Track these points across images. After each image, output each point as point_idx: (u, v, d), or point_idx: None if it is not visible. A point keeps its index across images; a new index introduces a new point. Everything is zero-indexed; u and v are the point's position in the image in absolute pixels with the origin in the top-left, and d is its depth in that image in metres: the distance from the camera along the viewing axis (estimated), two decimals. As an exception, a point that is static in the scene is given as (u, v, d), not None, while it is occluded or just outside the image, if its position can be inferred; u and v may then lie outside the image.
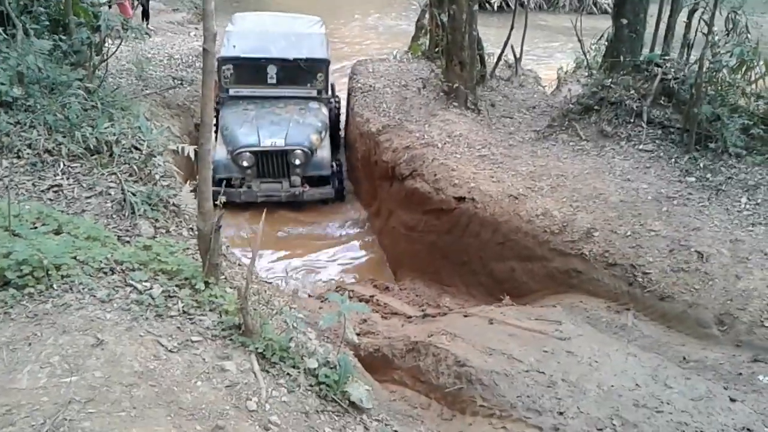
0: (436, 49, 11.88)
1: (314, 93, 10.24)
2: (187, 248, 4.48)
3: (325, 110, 10.30)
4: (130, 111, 6.34)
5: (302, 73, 10.08)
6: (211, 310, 3.63)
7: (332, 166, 9.68)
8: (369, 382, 4.04)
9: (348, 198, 10.12)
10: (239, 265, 5.24)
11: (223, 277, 4.12)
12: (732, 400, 4.22)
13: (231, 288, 4.05)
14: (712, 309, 5.27)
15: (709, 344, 5.10)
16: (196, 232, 3.76)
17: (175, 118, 10.06)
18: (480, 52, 10.60)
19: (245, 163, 9.03)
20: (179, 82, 11.01)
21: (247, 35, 10.37)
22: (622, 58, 8.89)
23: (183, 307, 3.57)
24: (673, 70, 8.38)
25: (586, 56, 10.75)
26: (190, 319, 3.53)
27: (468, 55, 9.55)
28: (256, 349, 3.40)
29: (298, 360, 3.47)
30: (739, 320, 5.11)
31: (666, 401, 4.16)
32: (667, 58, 8.69)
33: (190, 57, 12.91)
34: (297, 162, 9.19)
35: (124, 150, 5.57)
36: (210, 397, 3.09)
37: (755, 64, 7.80)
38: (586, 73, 11.06)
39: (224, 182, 8.67)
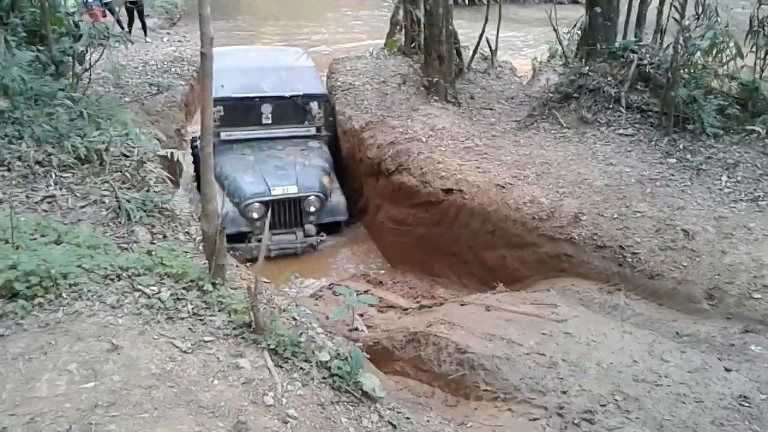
0: (412, 45, 11.99)
1: (313, 131, 9.46)
2: (186, 252, 4.52)
3: (326, 148, 9.57)
4: (116, 119, 6.33)
5: (299, 110, 9.40)
6: (220, 311, 3.68)
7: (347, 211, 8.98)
8: (377, 373, 4.10)
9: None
10: (237, 266, 5.28)
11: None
12: (727, 370, 4.36)
13: (234, 289, 4.10)
14: (701, 284, 5.44)
15: (701, 318, 5.27)
16: (201, 235, 3.80)
17: (155, 125, 10.02)
18: (456, 45, 10.72)
19: (255, 215, 8.18)
20: (156, 88, 10.98)
21: (234, 72, 9.22)
22: (597, 46, 9.06)
23: (193, 308, 3.61)
24: (648, 55, 8.58)
25: (561, 45, 10.91)
26: (201, 320, 3.58)
27: (446, 49, 9.67)
28: (268, 345, 3.46)
29: (309, 354, 3.53)
30: (728, 294, 5.28)
31: (664, 375, 4.29)
32: (641, 44, 8.88)
33: (165, 63, 12.88)
34: (311, 209, 8.49)
35: (114, 158, 5.58)
36: (228, 394, 3.14)
37: (726, 46, 8.00)
38: (561, 62, 11.24)
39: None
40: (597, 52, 9.06)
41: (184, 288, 3.79)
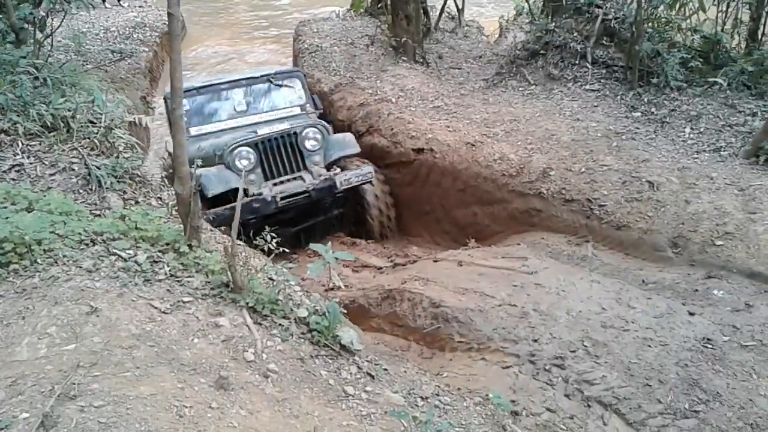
0: (379, 5, 11.88)
1: (297, 111, 7.89)
2: (160, 216, 4.52)
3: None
4: (81, 86, 6.23)
5: (278, 93, 7.98)
6: (197, 272, 3.72)
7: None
8: (354, 329, 4.19)
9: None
10: (210, 230, 5.30)
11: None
12: (691, 314, 4.54)
13: (210, 252, 4.13)
14: (666, 233, 5.61)
15: (666, 266, 5.44)
16: (175, 197, 3.81)
17: (119, 92, 9.85)
18: (423, 5, 10.66)
19: (244, 162, 6.68)
20: (119, 55, 10.76)
21: (200, 80, 8.40)
22: (563, 2, 9.09)
23: (170, 270, 3.65)
24: (613, 10, 8.64)
25: (527, 2, 10.90)
26: (178, 281, 3.61)
27: (413, 9, 9.62)
28: (247, 303, 3.52)
29: (288, 311, 3.60)
30: (692, 241, 5.46)
31: (631, 320, 4.46)
32: (606, -1, 8.92)
33: (127, 29, 12.59)
34: (312, 146, 7.07)
35: (81, 125, 5.50)
36: (208, 352, 3.20)
37: (689, 0, 8.11)
38: (528, 20, 11.25)
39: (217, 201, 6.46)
40: (563, 8, 9.09)
41: (160, 251, 3.81)
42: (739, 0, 8.71)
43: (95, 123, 5.65)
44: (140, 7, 14.89)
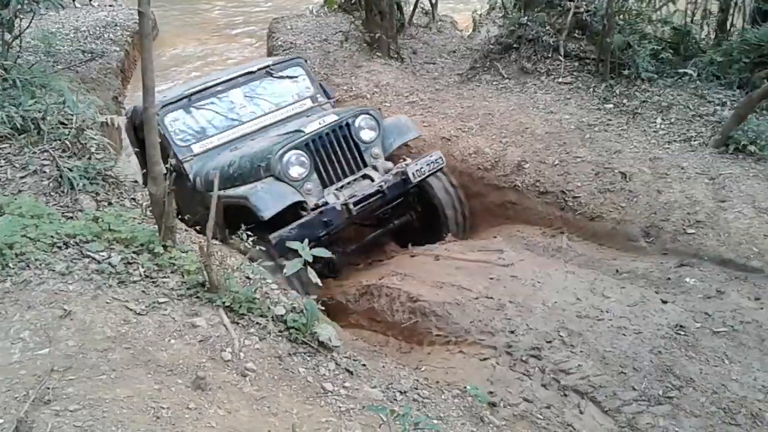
0: (353, 1, 11.85)
1: (308, 104, 6.71)
2: (134, 218, 4.49)
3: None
4: (51, 87, 6.13)
5: (282, 87, 6.73)
6: (173, 272, 3.70)
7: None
8: (332, 325, 4.21)
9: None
10: (186, 230, 5.27)
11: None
12: (664, 302, 4.61)
13: (185, 252, 4.11)
14: (639, 223, 5.70)
15: (639, 255, 5.53)
16: (148, 198, 3.79)
17: (91, 92, 9.73)
18: (397, 0, 10.66)
19: (297, 169, 5.42)
20: (90, 55, 10.62)
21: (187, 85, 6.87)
22: (535, -4, 9.14)
23: (144, 271, 3.63)
24: (584, 3, 8.70)
25: (500, -4, 10.96)
26: (154, 282, 3.60)
27: (386, 5, 9.61)
28: (224, 303, 3.51)
29: (265, 309, 3.60)
30: (664, 231, 5.55)
31: (605, 310, 4.52)
32: (577, -9, 8.99)
33: (97, 28, 12.41)
34: (369, 137, 5.90)
35: (52, 126, 5.42)
36: (185, 352, 3.20)
37: (659, -9, 8.21)
38: (501, 14, 11.30)
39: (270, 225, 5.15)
40: (535, 1, 9.12)
41: (134, 252, 3.79)
42: (708, -9, 8.85)
43: (66, 124, 5.57)
44: (111, 6, 14.67)
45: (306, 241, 3.58)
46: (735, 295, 4.69)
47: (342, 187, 5.65)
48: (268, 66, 6.74)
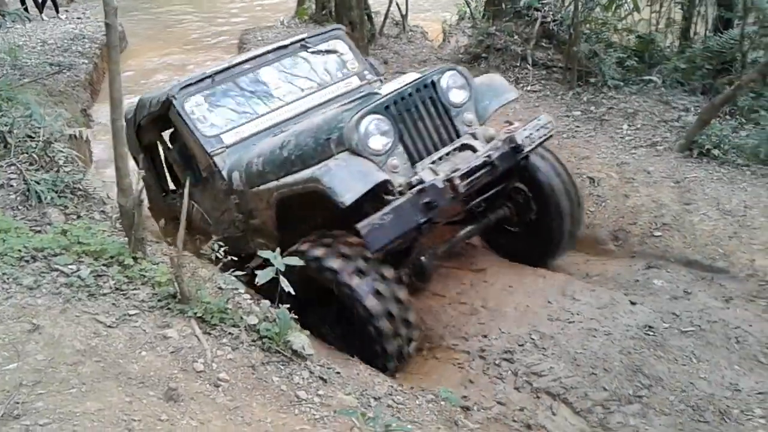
0: (323, 12, 11.93)
1: (355, 82, 5.62)
2: (104, 230, 4.45)
3: None
4: (17, 100, 6.08)
5: (317, 61, 5.65)
6: (143, 284, 3.67)
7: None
8: (305, 333, 4.20)
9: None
10: (157, 242, 5.24)
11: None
12: (632, 303, 4.68)
13: (156, 264, 4.08)
14: (607, 227, 5.82)
15: (608, 259, 5.63)
16: (118, 210, 3.76)
17: (59, 105, 9.63)
18: (367, 11, 10.75)
19: (382, 141, 4.24)
20: (57, 68, 10.52)
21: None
22: (503, 6, 9.29)
23: (114, 284, 3.59)
24: (551, 13, 8.88)
25: (469, 7, 11.10)
26: (124, 294, 3.56)
27: (357, 15, 9.68)
28: (195, 313, 3.48)
29: (237, 319, 3.58)
30: (632, 234, 5.67)
31: (576, 312, 4.58)
32: (544, 2, 9.16)
33: (65, 41, 12.30)
34: (461, 98, 4.69)
35: (19, 140, 5.38)
36: (157, 364, 3.17)
37: (624, 1, 8.39)
38: (470, 24, 11.45)
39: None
40: (503, 11, 9.30)
41: (104, 264, 3.75)
42: (671, 0, 9.07)
43: (33, 137, 5.53)
44: (79, 19, 14.57)
45: (277, 251, 3.56)
46: (702, 296, 4.79)
47: (435, 161, 4.45)
48: (303, 39, 5.67)
